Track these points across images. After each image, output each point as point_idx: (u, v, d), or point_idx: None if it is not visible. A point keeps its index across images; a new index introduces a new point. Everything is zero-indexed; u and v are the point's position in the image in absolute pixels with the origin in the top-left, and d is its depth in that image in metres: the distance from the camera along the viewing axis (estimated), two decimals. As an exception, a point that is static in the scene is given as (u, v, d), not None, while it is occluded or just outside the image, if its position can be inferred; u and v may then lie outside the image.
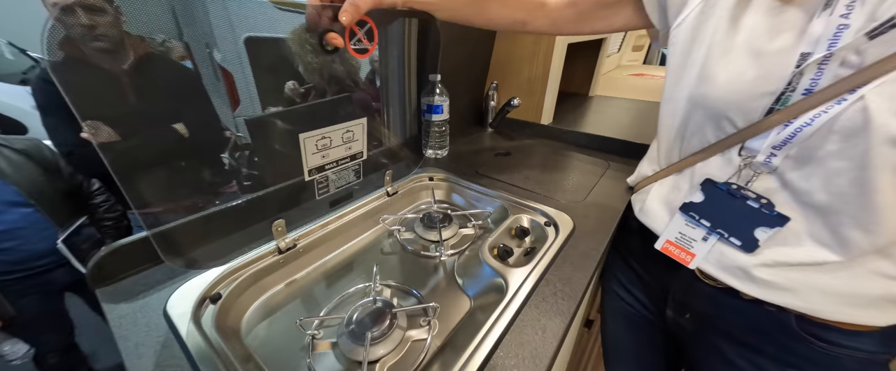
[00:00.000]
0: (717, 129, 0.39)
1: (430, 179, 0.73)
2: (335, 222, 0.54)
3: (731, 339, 0.45)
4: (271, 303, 0.43)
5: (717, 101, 0.37)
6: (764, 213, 0.37)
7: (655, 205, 0.49)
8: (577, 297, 0.42)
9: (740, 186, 0.39)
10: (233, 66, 2.14)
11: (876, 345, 0.38)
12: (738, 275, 0.40)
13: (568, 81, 1.37)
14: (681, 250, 0.45)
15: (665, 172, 0.48)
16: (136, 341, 0.32)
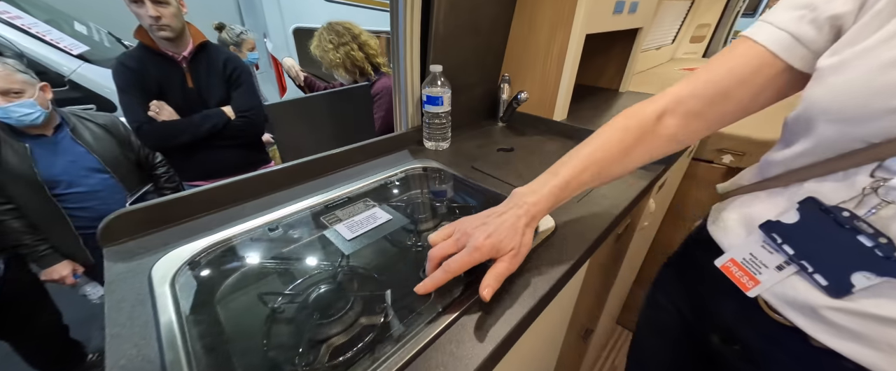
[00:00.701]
0: (845, 141, 0.31)
1: (424, 170, 0.73)
2: (321, 203, 0.57)
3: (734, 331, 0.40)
4: (249, 274, 0.46)
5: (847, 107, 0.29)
6: (877, 254, 0.29)
7: (733, 217, 0.42)
8: (532, 302, 0.40)
9: (855, 215, 0.30)
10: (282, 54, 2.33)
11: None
12: (807, 313, 0.33)
13: (598, 75, 1.26)
14: (743, 273, 0.37)
15: (763, 185, 0.40)
16: (120, 296, 0.37)
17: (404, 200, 0.64)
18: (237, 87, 1.26)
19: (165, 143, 1.20)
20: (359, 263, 0.48)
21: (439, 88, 0.74)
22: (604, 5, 0.81)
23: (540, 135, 0.92)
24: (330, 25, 1.34)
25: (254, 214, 0.51)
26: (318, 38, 1.34)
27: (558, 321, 0.59)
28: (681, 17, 1.94)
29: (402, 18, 0.69)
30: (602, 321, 1.04)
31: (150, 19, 1.03)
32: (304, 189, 0.61)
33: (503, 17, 0.87)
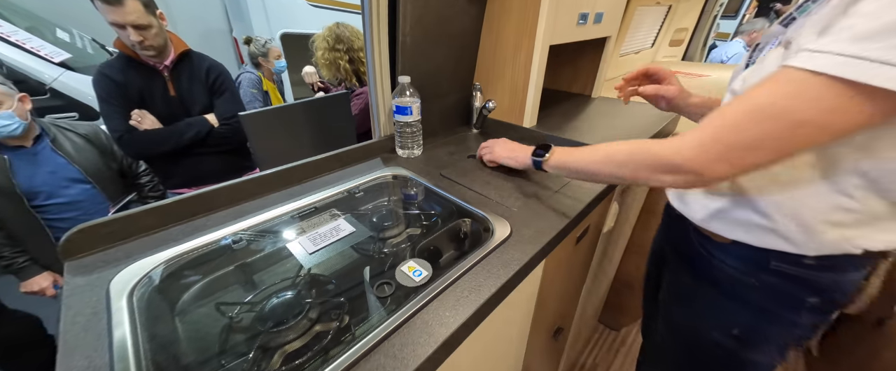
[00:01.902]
0: None
1: (394, 178, 0.74)
2: (289, 213, 0.58)
3: (671, 247, 0.59)
4: (210, 285, 0.48)
5: None
6: None
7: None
8: (477, 304, 0.42)
9: None
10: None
11: (739, 263, 0.46)
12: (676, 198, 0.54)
13: (571, 81, 1.29)
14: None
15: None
16: (76, 311, 0.38)
17: (370, 209, 0.65)
18: (220, 95, 1.26)
19: (148, 151, 1.20)
20: (319, 271, 0.50)
21: (408, 98, 0.76)
22: (566, 17, 0.83)
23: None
24: (337, 27, 1.34)
25: (220, 225, 0.53)
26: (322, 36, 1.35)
27: (517, 322, 0.61)
28: (659, 22, 1.98)
29: (369, 31, 0.70)
30: (577, 320, 1.07)
31: (133, 42, 1.04)
32: (274, 199, 0.62)
33: (472, 28, 0.89)
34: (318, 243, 0.52)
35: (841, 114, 0.30)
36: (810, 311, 0.44)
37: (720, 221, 0.45)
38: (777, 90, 0.32)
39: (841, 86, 0.29)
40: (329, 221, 0.57)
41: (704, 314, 0.52)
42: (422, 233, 0.60)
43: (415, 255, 0.51)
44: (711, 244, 0.48)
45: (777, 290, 0.44)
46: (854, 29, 0.28)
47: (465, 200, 0.64)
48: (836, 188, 0.37)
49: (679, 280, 0.56)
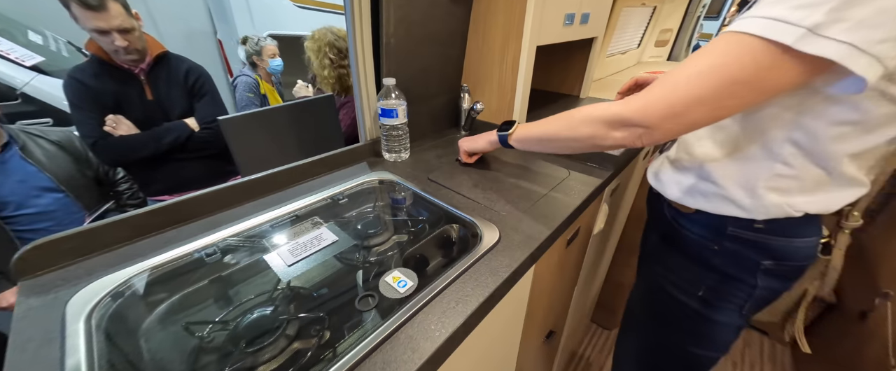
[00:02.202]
0: None
1: (380, 183, 0.72)
2: (268, 222, 0.55)
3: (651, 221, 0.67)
4: (178, 303, 0.45)
5: None
6: None
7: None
8: (465, 315, 0.40)
9: None
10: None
11: (703, 230, 0.51)
12: (652, 177, 0.59)
13: (560, 81, 1.29)
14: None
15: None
16: (27, 336, 0.35)
17: (354, 216, 0.63)
18: (200, 98, 1.22)
19: (125, 157, 1.15)
20: (299, 284, 0.47)
21: (394, 101, 0.74)
22: (553, 18, 0.82)
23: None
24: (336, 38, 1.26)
25: (192, 238, 0.50)
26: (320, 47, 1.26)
27: (508, 328, 0.59)
28: (644, 23, 2.00)
29: (352, 33, 0.68)
30: (570, 322, 1.06)
31: (118, 48, 1.00)
32: (252, 207, 0.59)
33: (459, 29, 0.87)
34: (298, 254, 0.49)
35: (767, 71, 0.33)
36: (766, 274, 0.49)
37: (687, 194, 0.52)
38: (715, 50, 0.35)
39: (768, 46, 0.32)
40: (311, 230, 0.55)
41: (674, 277, 0.58)
42: (408, 240, 0.58)
43: (400, 264, 0.49)
44: (680, 215, 0.55)
45: (736, 253, 0.50)
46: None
47: (453, 205, 0.62)
48: (775, 157, 0.42)
49: (654, 248, 0.63)
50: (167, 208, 0.53)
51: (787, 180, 0.42)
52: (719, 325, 0.55)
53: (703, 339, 0.58)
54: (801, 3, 0.31)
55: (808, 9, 0.30)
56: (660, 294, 0.60)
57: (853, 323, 1.08)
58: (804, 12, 0.30)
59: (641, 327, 0.68)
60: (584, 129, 0.46)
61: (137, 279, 0.42)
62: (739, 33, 0.34)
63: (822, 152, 0.40)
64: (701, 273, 0.54)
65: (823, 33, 0.30)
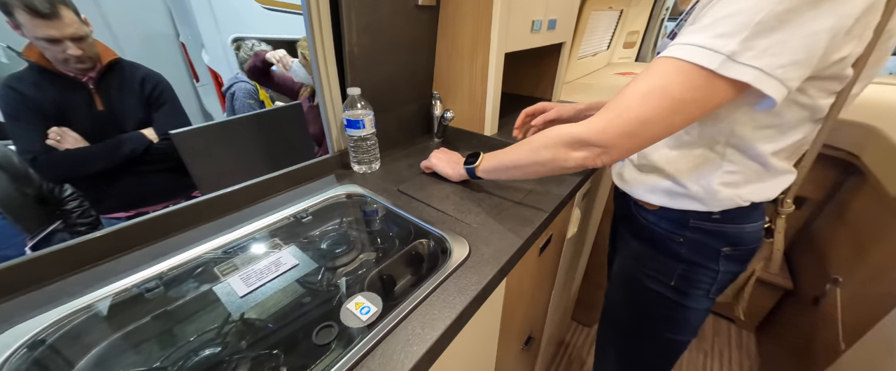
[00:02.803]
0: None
1: (348, 197, 0.69)
2: (222, 248, 0.51)
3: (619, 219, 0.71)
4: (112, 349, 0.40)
5: None
6: None
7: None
8: (431, 341, 0.38)
9: None
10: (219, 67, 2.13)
11: (668, 224, 0.56)
12: (616, 177, 0.63)
13: (533, 86, 1.29)
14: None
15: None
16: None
17: (319, 236, 0.59)
18: (158, 107, 1.14)
19: (71, 173, 1.06)
20: (254, 316, 0.43)
21: (360, 111, 0.71)
22: (520, 25, 0.81)
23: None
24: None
25: (131, 270, 0.45)
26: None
27: (482, 343, 0.58)
28: (612, 26, 2.06)
29: (312, 41, 0.64)
30: (549, 325, 1.06)
31: (69, 57, 0.91)
32: (206, 231, 0.55)
33: (425, 35, 0.85)
34: (253, 283, 0.45)
35: (702, 91, 0.37)
36: (726, 259, 0.55)
37: (650, 193, 0.56)
38: (656, 73, 0.39)
39: (698, 70, 0.36)
40: (270, 254, 0.51)
41: (647, 269, 0.62)
42: (376, 258, 0.55)
43: (366, 286, 0.46)
44: (646, 211, 0.59)
45: (699, 243, 0.55)
46: (712, 28, 0.36)
47: (423, 219, 0.60)
48: (722, 157, 0.48)
49: (625, 244, 0.66)
50: (103, 238, 0.48)
51: (734, 176, 0.49)
52: (692, 310, 0.60)
53: (679, 325, 0.62)
54: (720, 32, 0.35)
55: (726, 38, 0.35)
56: (635, 285, 0.64)
57: (807, 308, 1.14)
58: (723, 41, 0.35)
59: (621, 319, 0.72)
60: (545, 153, 0.49)
61: (62, 323, 0.38)
62: (674, 58, 0.38)
63: (754, 151, 0.46)
64: (671, 263, 0.58)
65: (739, 60, 0.35)
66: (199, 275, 0.47)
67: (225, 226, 0.55)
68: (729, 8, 0.35)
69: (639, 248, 0.63)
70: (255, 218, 0.57)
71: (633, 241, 0.64)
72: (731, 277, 0.58)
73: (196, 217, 0.56)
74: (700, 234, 0.54)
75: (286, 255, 0.51)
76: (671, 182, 0.53)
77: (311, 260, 0.51)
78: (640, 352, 0.71)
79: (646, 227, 0.60)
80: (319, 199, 0.65)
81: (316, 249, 0.55)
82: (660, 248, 0.59)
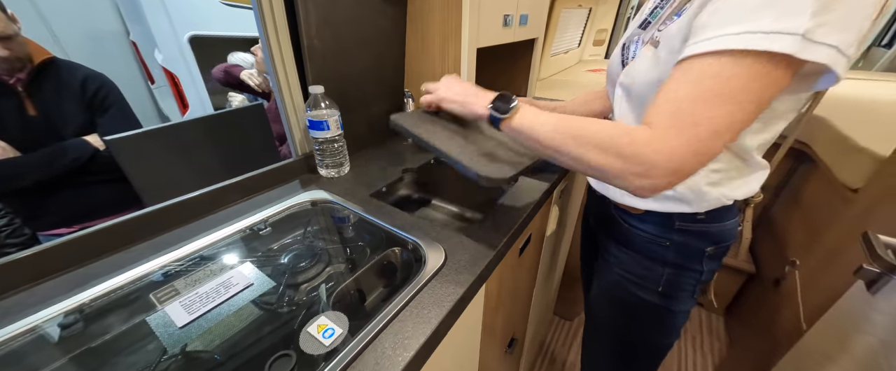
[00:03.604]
0: None
1: (313, 205, 0.63)
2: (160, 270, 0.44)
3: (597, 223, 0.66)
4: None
5: None
6: None
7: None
8: (404, 363, 0.34)
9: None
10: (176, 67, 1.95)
11: (654, 228, 0.54)
12: (594, 182, 0.62)
13: (507, 82, 1.27)
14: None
15: None
16: None
17: (278, 249, 0.53)
18: (104, 111, 1.02)
19: (2, 186, 0.92)
20: (199, 347, 0.37)
21: (324, 111, 0.65)
22: (491, 19, 0.78)
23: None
24: None
25: (46, 302, 0.37)
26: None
27: (463, 353, 0.54)
28: (582, 24, 2.09)
29: (264, 34, 0.58)
30: (531, 324, 1.05)
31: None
32: (144, 250, 0.47)
33: (395, 30, 0.80)
34: (196, 309, 0.39)
35: (771, 84, 0.32)
36: (710, 258, 0.54)
37: (634, 197, 0.50)
38: (712, 74, 0.33)
39: (770, 59, 0.31)
40: (218, 274, 0.45)
41: (632, 276, 0.59)
42: (345, 271, 0.50)
43: (331, 305, 0.42)
44: (629, 216, 0.56)
45: (684, 245, 0.53)
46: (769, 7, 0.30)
47: (396, 225, 0.55)
48: None
49: (607, 250, 0.63)
50: (14, 264, 0.40)
51: (719, 174, 0.47)
52: (679, 313, 0.59)
53: (667, 329, 0.61)
54: (784, 10, 0.30)
55: (795, 16, 0.29)
56: (621, 293, 0.62)
57: (770, 290, 1.20)
58: (793, 20, 0.29)
59: (607, 329, 0.69)
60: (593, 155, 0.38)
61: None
62: (732, 52, 0.31)
63: (741, 146, 0.44)
64: (658, 269, 0.56)
65: (815, 38, 0.29)
66: (130, 304, 0.40)
67: (167, 243, 0.48)
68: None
69: (622, 256, 0.60)
70: (204, 232, 0.50)
71: (616, 248, 0.61)
72: (710, 276, 0.57)
73: (132, 235, 0.48)
74: (686, 236, 0.52)
75: (239, 273, 0.45)
76: None
77: (268, 278, 0.45)
78: (628, 359, 0.69)
79: (629, 231, 0.57)
80: (281, 208, 0.59)
81: (275, 265, 0.49)
82: (645, 253, 0.56)
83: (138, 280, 0.42)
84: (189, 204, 0.55)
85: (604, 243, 0.65)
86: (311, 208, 0.62)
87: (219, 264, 0.46)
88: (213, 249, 0.49)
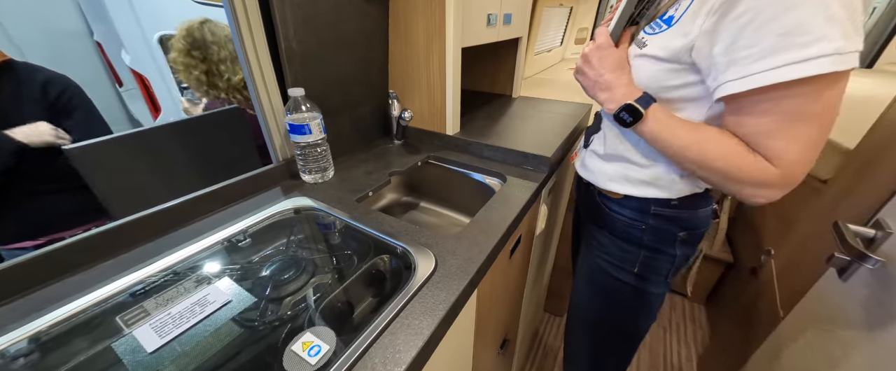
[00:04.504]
0: None
1: (296, 212, 0.60)
2: (128, 291, 0.41)
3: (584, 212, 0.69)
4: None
5: None
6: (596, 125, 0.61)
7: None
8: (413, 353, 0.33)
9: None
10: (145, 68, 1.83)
11: (631, 213, 0.57)
12: (580, 167, 0.64)
13: (492, 82, 1.27)
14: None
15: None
16: None
17: (259, 261, 0.51)
18: (68, 115, 0.95)
19: None
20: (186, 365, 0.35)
21: (305, 114, 0.62)
22: (475, 18, 0.77)
23: (437, 150, 0.86)
24: (199, 28, 1.02)
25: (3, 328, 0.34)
26: (178, 35, 1.02)
27: (456, 359, 0.53)
28: (564, 23, 2.11)
29: (238, 35, 0.55)
30: (523, 324, 1.05)
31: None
32: (110, 268, 0.44)
33: (377, 31, 0.78)
34: (168, 332, 0.36)
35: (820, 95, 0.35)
36: (682, 243, 0.57)
37: (615, 182, 0.57)
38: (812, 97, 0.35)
39: (838, 77, 0.34)
40: (193, 291, 0.42)
41: (611, 258, 0.62)
42: (332, 282, 0.48)
43: (317, 320, 0.39)
44: (610, 200, 0.59)
45: (659, 229, 0.56)
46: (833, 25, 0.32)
47: (384, 231, 0.53)
48: None
49: (591, 236, 0.66)
50: None
51: None
52: (653, 295, 0.62)
53: (643, 310, 0.64)
54: (848, 30, 0.32)
55: (857, 35, 0.32)
56: (600, 275, 0.65)
57: (747, 279, 1.25)
58: (855, 39, 0.32)
59: (587, 311, 0.72)
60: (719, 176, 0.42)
61: None
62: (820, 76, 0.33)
63: None
64: (634, 251, 0.59)
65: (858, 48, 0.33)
66: (93, 330, 0.37)
67: (137, 260, 0.45)
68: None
69: (604, 239, 0.63)
70: (177, 246, 0.47)
71: (599, 233, 0.64)
72: (684, 261, 0.60)
73: (96, 252, 0.45)
74: (660, 221, 0.55)
75: (216, 289, 0.42)
76: (636, 171, 0.54)
77: (248, 293, 0.43)
78: (606, 341, 0.72)
79: (610, 216, 0.60)
80: (261, 217, 0.56)
81: (256, 279, 0.46)
82: (624, 236, 0.59)
83: (104, 302, 0.38)
84: (161, 216, 0.51)
85: (588, 231, 0.68)
86: (295, 216, 0.59)
87: (194, 281, 0.43)
88: (188, 264, 0.45)
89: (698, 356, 1.35)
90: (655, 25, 0.45)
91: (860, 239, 0.54)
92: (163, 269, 0.43)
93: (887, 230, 0.51)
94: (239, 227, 0.52)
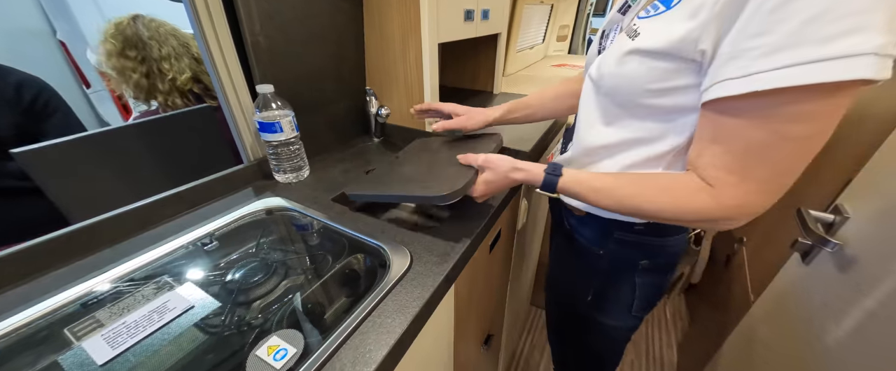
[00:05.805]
0: None
1: (268, 213, 0.58)
2: (79, 300, 0.38)
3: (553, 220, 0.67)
4: None
5: None
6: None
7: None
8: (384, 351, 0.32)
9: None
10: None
11: (591, 234, 0.53)
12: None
13: (473, 78, 1.26)
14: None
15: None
16: None
17: (225, 265, 0.49)
18: (48, 117, 0.90)
19: None
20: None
21: (276, 112, 0.60)
22: (452, 13, 0.77)
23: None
24: (130, 24, 0.89)
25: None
26: (106, 34, 0.91)
27: (435, 355, 0.53)
28: (545, 20, 2.13)
29: (198, 32, 0.52)
30: (508, 318, 1.05)
31: None
32: (63, 275, 0.41)
33: (351, 26, 0.76)
34: (121, 342, 0.34)
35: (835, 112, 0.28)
36: (644, 271, 0.52)
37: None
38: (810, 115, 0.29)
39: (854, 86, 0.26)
40: (152, 298, 0.40)
41: (568, 279, 0.60)
42: (303, 283, 0.47)
43: (285, 323, 0.38)
44: (573, 217, 0.55)
45: (617, 256, 0.52)
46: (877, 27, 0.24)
47: (360, 231, 0.52)
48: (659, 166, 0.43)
49: (554, 246, 0.64)
50: None
51: None
52: (612, 328, 0.57)
53: (602, 340, 0.61)
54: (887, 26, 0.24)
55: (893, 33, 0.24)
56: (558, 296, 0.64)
57: (722, 268, 1.29)
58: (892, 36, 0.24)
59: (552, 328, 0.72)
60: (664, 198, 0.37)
61: None
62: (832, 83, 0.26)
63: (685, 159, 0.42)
64: (588, 277, 0.55)
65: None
66: (38, 344, 0.34)
67: (91, 267, 0.42)
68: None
69: (562, 257, 0.60)
70: (136, 252, 0.45)
71: (558, 247, 0.61)
72: (655, 289, 0.54)
73: (45, 260, 0.42)
74: (620, 246, 0.50)
75: (177, 296, 0.40)
76: None
77: (213, 298, 0.41)
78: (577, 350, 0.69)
79: (570, 234, 0.56)
80: (230, 219, 0.54)
81: (222, 283, 0.45)
82: (581, 259, 0.55)
83: (50, 314, 0.36)
84: (120, 220, 0.48)
85: (553, 239, 0.65)
86: (267, 217, 0.57)
87: (153, 288, 0.41)
88: (148, 271, 0.43)
89: (679, 344, 1.40)
90: (651, 8, 0.37)
91: (821, 224, 0.56)
92: (120, 276, 0.41)
93: (845, 215, 0.53)
94: (206, 229, 0.50)
